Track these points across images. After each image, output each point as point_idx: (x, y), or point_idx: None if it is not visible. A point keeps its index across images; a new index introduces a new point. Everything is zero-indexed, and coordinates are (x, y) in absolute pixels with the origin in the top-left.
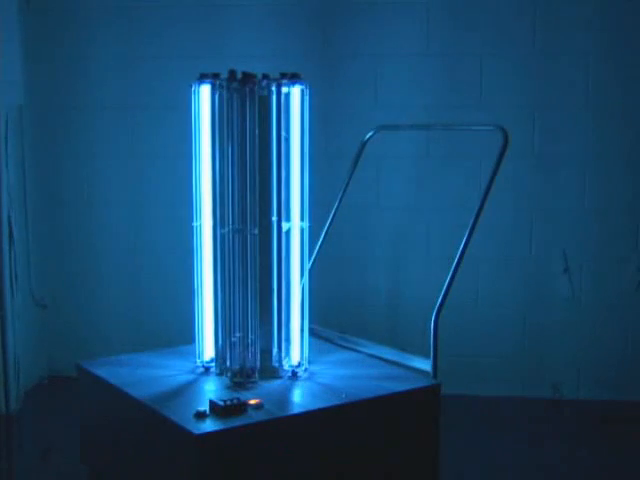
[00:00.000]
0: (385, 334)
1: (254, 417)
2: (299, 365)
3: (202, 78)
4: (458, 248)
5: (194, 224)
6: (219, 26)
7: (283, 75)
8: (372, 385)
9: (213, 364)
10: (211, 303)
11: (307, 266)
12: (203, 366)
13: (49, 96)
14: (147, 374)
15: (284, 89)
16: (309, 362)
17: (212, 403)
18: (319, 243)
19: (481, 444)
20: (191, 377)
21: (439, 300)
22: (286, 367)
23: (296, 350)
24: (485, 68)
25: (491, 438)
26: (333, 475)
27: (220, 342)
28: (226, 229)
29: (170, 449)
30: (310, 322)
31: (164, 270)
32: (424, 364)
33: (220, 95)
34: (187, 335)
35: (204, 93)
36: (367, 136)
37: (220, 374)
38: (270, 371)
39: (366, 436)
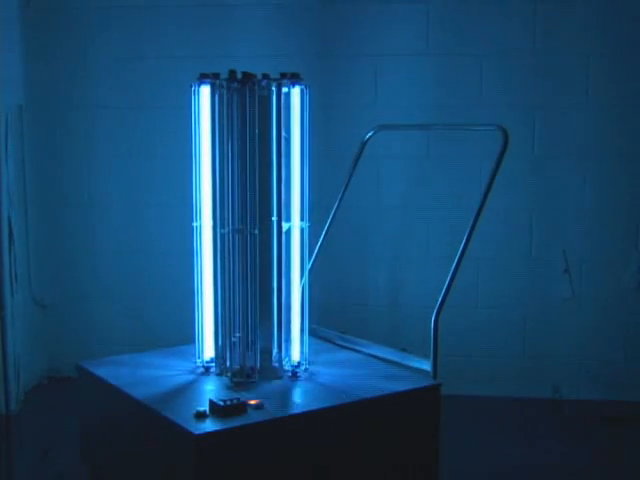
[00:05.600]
0: (385, 334)
1: (254, 417)
2: (299, 365)
3: (202, 78)
4: (458, 248)
5: (194, 224)
6: (219, 26)
7: (283, 75)
8: (372, 385)
9: (213, 364)
10: (211, 303)
11: (307, 266)
12: (203, 366)
13: (49, 96)
14: (147, 374)
15: (284, 89)
16: (309, 362)
17: (212, 403)
18: (319, 243)
19: (481, 444)
20: (191, 377)
21: (439, 300)
22: (286, 367)
23: (296, 350)
24: (485, 68)
25: (491, 438)
26: (333, 475)
27: (220, 342)
28: (226, 229)
29: (170, 449)
30: (310, 322)
31: (164, 270)
32: (424, 364)
33: (220, 95)
34: (187, 335)
35: (204, 93)
36: (367, 136)
37: (220, 374)
38: (270, 371)
39: (366, 436)
